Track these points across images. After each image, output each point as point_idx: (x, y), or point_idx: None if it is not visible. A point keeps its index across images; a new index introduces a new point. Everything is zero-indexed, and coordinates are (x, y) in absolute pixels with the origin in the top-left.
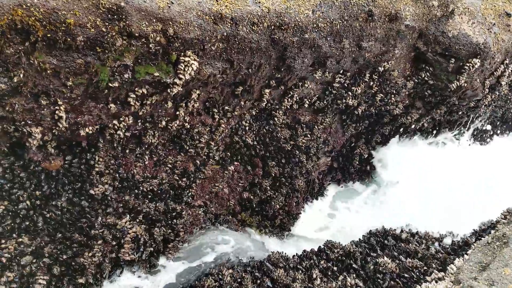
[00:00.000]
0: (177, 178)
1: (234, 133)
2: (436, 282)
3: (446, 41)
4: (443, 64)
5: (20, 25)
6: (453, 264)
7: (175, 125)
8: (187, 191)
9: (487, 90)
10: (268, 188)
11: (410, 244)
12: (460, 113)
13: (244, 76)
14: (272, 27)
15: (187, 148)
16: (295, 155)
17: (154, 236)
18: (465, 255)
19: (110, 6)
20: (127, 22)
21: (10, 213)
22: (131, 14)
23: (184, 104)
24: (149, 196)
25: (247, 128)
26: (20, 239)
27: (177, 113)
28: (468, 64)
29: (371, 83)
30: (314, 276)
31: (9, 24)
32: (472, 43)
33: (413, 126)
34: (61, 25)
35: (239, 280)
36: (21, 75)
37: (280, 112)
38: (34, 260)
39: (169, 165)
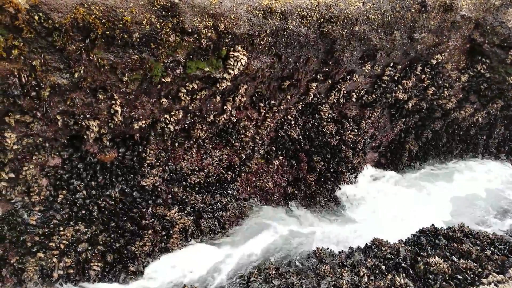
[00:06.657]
0: (223, 171)
1: (280, 128)
2: (496, 285)
3: (505, 32)
4: (501, 56)
5: (81, 23)
6: None
7: (222, 119)
8: (233, 184)
9: None
10: (313, 183)
11: (464, 245)
12: None
13: (291, 70)
14: (321, 20)
15: (233, 142)
16: (341, 150)
17: (201, 227)
18: None
19: (164, 3)
20: (181, 18)
21: (68, 202)
22: (184, 10)
23: (231, 99)
24: (196, 188)
25: (292, 122)
26: (77, 227)
27: (225, 107)
28: None
29: (423, 76)
30: (362, 274)
31: (71, 22)
32: None
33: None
34: (119, 23)
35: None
36: (82, 71)
37: (326, 106)
38: (89, 247)
39: (216, 159)
